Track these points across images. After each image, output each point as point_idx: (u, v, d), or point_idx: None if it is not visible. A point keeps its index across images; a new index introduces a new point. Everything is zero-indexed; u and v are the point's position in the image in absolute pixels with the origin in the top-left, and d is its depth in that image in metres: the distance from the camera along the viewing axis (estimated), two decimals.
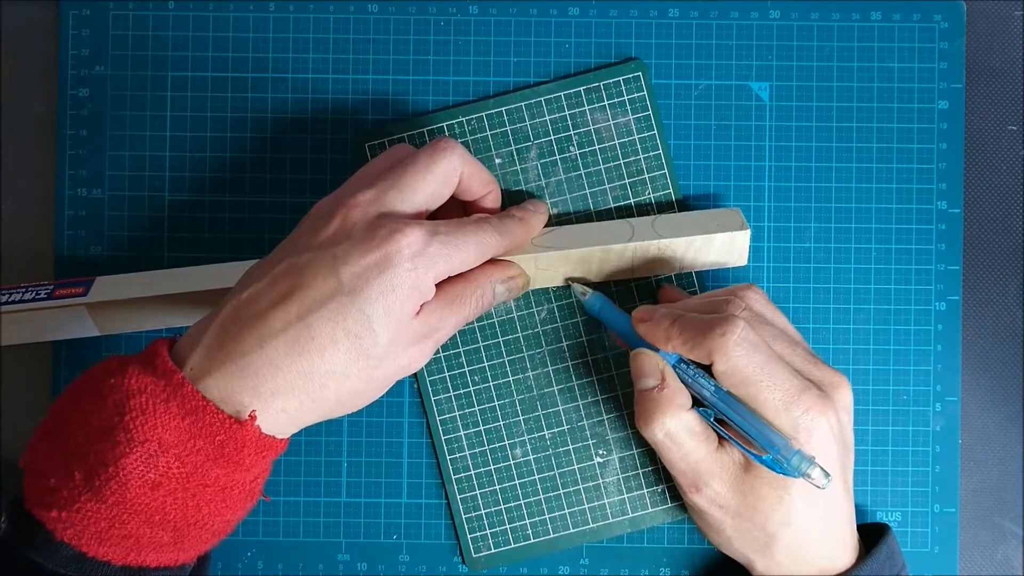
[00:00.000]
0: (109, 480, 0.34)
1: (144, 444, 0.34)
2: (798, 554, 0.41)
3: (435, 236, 0.38)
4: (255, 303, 0.37)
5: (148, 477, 0.34)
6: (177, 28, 0.48)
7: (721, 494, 0.41)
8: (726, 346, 0.39)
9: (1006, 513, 0.48)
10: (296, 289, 0.37)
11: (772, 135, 0.48)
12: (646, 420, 0.41)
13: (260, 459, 0.37)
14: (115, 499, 0.34)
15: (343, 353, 0.37)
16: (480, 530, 0.47)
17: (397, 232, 0.37)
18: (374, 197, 0.39)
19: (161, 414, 0.35)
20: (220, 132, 0.48)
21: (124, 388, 0.35)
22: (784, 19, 0.48)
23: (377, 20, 0.48)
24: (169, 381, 0.35)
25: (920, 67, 0.48)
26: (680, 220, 0.45)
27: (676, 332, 0.41)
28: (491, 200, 0.44)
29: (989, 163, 0.48)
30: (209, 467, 0.36)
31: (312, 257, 0.37)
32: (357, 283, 0.37)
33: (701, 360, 0.40)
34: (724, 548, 0.43)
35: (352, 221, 0.38)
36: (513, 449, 0.47)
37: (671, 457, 0.41)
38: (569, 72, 0.48)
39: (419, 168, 0.40)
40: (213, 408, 0.35)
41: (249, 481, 0.37)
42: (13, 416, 0.48)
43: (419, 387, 0.47)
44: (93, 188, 0.48)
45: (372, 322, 0.37)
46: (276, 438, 0.37)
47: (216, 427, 0.35)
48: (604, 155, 0.47)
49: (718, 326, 0.39)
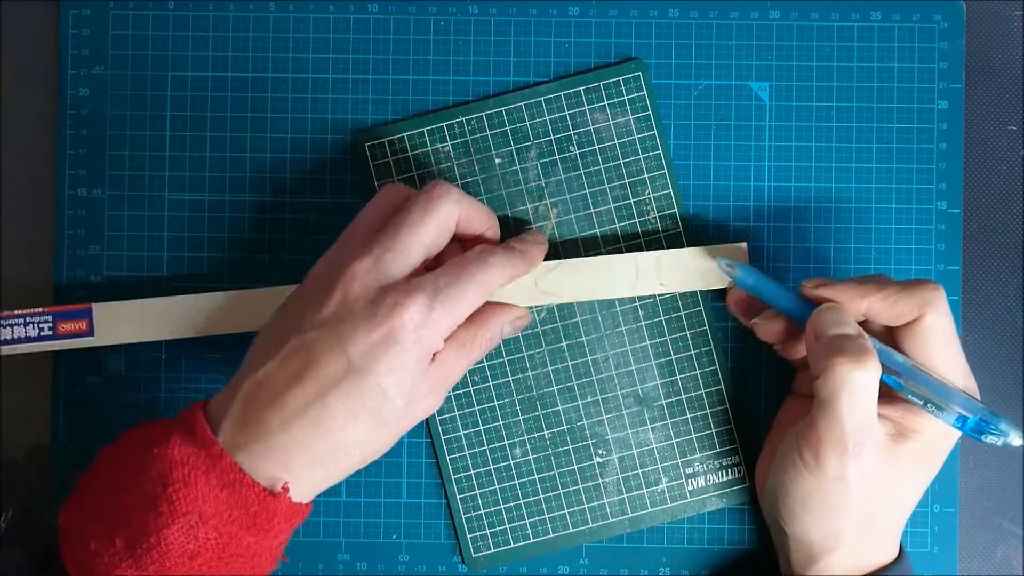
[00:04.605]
0: (151, 550, 0.35)
1: (186, 516, 0.36)
2: (889, 542, 0.42)
3: (436, 298, 0.38)
4: (271, 383, 0.38)
5: (188, 547, 0.36)
6: (177, 28, 0.48)
7: (871, 463, 0.39)
8: (942, 297, 0.40)
9: (1006, 513, 0.48)
10: (308, 369, 0.37)
11: (772, 135, 0.48)
12: (833, 368, 0.38)
13: (288, 526, 0.38)
14: (155, 568, 0.36)
15: (364, 425, 0.38)
16: (480, 530, 0.47)
17: (399, 306, 0.37)
18: (371, 265, 0.38)
19: (202, 486, 0.36)
20: (220, 132, 0.48)
21: (167, 459, 0.36)
22: (784, 19, 0.48)
23: (377, 20, 0.48)
24: (209, 452, 0.37)
25: (920, 67, 0.48)
26: (684, 262, 0.45)
27: (874, 288, 0.40)
28: (491, 234, 0.44)
29: (989, 163, 0.48)
30: (242, 536, 0.37)
31: (318, 336, 0.38)
32: (366, 362, 0.37)
33: (901, 315, 0.40)
34: (801, 534, 0.41)
35: (353, 296, 0.38)
36: (513, 449, 0.47)
37: (841, 410, 0.38)
38: (569, 72, 0.48)
39: (413, 222, 0.39)
40: (250, 481, 0.37)
41: (276, 547, 0.39)
42: (13, 415, 0.48)
43: None
44: (93, 188, 0.48)
45: (387, 393, 0.38)
46: (302, 504, 0.38)
47: (251, 499, 0.37)
48: (604, 155, 0.47)
49: (929, 282, 0.40)
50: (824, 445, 0.39)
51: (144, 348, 0.47)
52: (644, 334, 0.47)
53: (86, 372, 0.47)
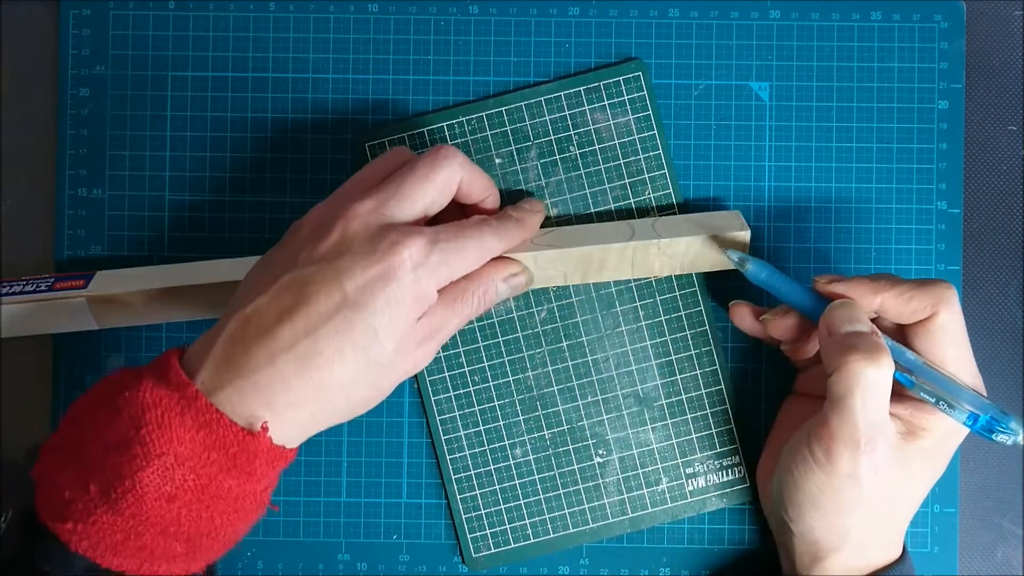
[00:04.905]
0: (126, 493, 0.35)
1: (161, 457, 0.35)
2: (894, 541, 0.42)
3: (436, 244, 0.38)
4: (261, 317, 0.37)
5: (164, 490, 0.35)
6: (177, 28, 0.48)
7: (883, 460, 0.39)
8: (955, 296, 0.40)
9: (1006, 513, 0.48)
10: (301, 303, 0.37)
11: (772, 135, 0.48)
12: (847, 365, 0.38)
13: (271, 469, 0.37)
14: (131, 511, 0.35)
15: (351, 365, 0.37)
16: (480, 530, 0.47)
17: (399, 244, 0.37)
18: (374, 207, 0.39)
19: (176, 427, 0.35)
20: (220, 132, 0.48)
21: (139, 401, 0.35)
22: (784, 19, 0.48)
23: (377, 20, 0.48)
24: (183, 394, 0.36)
25: (920, 67, 0.48)
26: (680, 222, 0.45)
27: (887, 285, 0.40)
28: (490, 203, 0.44)
29: (989, 163, 0.48)
30: (222, 478, 0.36)
31: (315, 271, 0.37)
32: (362, 296, 0.37)
33: (915, 312, 0.40)
34: (808, 532, 0.41)
35: (353, 232, 0.38)
36: (513, 449, 0.47)
37: (855, 407, 0.38)
38: (569, 72, 0.48)
39: (418, 176, 0.40)
40: (227, 421, 0.36)
41: (259, 491, 0.38)
42: (13, 415, 0.48)
43: (419, 387, 0.47)
44: (93, 188, 0.48)
45: (378, 333, 0.37)
46: (286, 448, 0.38)
47: (229, 439, 0.36)
48: (604, 155, 0.47)
49: (941, 281, 0.40)
50: (836, 442, 0.39)
51: (144, 348, 0.47)
52: (644, 334, 0.47)
53: (86, 372, 0.47)
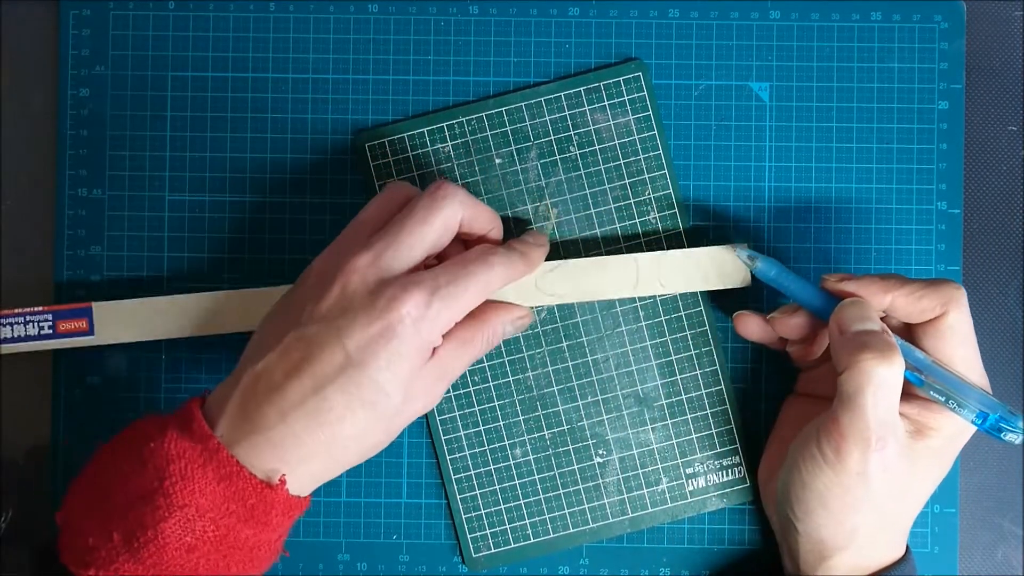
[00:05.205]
0: (148, 543, 0.35)
1: (183, 509, 0.36)
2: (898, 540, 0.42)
3: (436, 294, 0.38)
4: (271, 375, 0.38)
5: (185, 540, 0.36)
6: (177, 28, 0.48)
7: (892, 459, 0.39)
8: (964, 297, 0.40)
9: (1006, 513, 0.48)
10: (307, 361, 0.37)
11: (772, 135, 0.48)
12: (858, 363, 0.38)
13: (286, 519, 0.38)
14: (152, 561, 0.35)
15: (361, 419, 0.38)
16: (480, 530, 0.47)
17: (396, 300, 0.37)
18: (371, 260, 0.39)
19: (199, 479, 0.36)
20: (220, 132, 0.48)
21: (164, 453, 0.36)
22: (784, 19, 0.48)
23: (377, 20, 0.48)
24: (206, 446, 0.37)
25: (920, 67, 0.48)
26: (684, 263, 0.45)
27: (897, 284, 0.40)
28: (494, 235, 0.44)
29: (989, 163, 0.48)
30: (240, 528, 0.37)
31: (317, 330, 0.38)
32: (364, 356, 0.37)
33: (924, 312, 0.40)
34: (814, 531, 0.41)
35: (352, 290, 0.38)
36: (513, 449, 0.47)
37: (866, 405, 0.38)
38: (569, 72, 0.48)
39: (417, 221, 0.39)
40: (247, 474, 0.37)
41: (274, 540, 0.38)
42: (13, 415, 0.48)
43: None
44: (93, 188, 0.48)
45: (384, 388, 0.38)
46: (300, 497, 0.38)
47: (248, 491, 0.37)
48: (604, 155, 0.47)
49: (950, 281, 0.41)
50: (847, 440, 0.39)
51: (144, 348, 0.47)
52: (644, 334, 0.47)
53: (86, 372, 0.47)
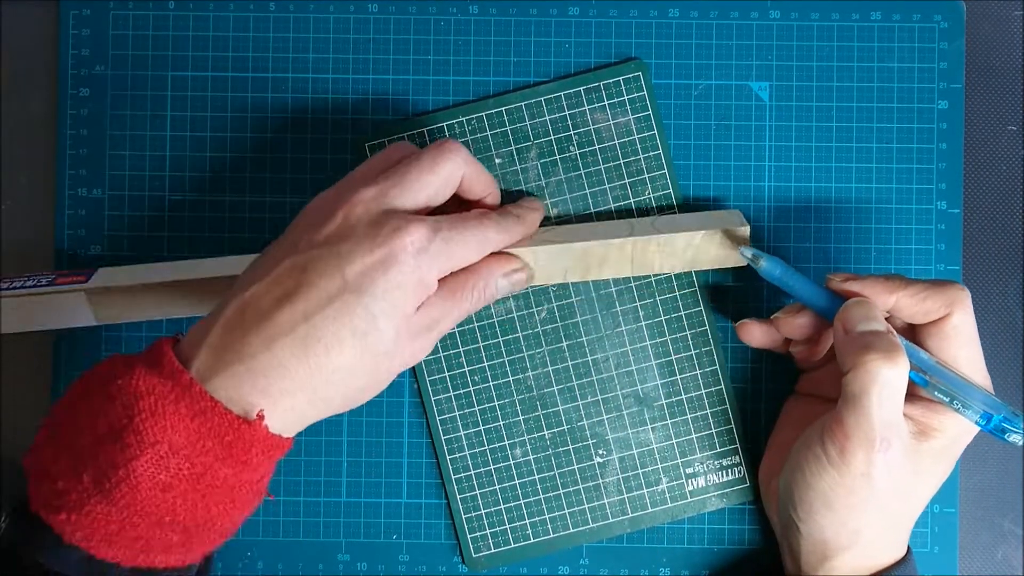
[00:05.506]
0: (120, 483, 0.34)
1: (155, 446, 0.34)
2: (900, 541, 0.42)
3: (438, 233, 0.38)
4: (259, 302, 0.37)
5: (159, 479, 0.34)
6: (177, 28, 0.48)
7: (897, 459, 0.39)
8: (968, 298, 0.40)
9: (1006, 513, 0.48)
10: (301, 287, 0.36)
11: (772, 135, 0.48)
12: (864, 364, 0.38)
13: (267, 458, 0.37)
14: (126, 501, 0.34)
15: (349, 350, 0.37)
16: (480, 530, 0.47)
17: (401, 230, 0.37)
18: (377, 194, 0.38)
19: (171, 415, 0.35)
20: (220, 132, 0.48)
21: (132, 389, 0.35)
22: (784, 19, 0.48)
23: (377, 20, 0.48)
24: (177, 382, 0.35)
25: (920, 67, 0.48)
26: (680, 219, 0.45)
27: (901, 284, 0.40)
28: (491, 201, 0.44)
29: (989, 163, 0.48)
30: (218, 467, 0.35)
31: (316, 255, 0.37)
32: (362, 281, 0.36)
33: (928, 312, 0.40)
34: (817, 532, 0.41)
35: (355, 218, 0.38)
36: (513, 449, 0.47)
37: (871, 405, 0.38)
38: (569, 72, 0.48)
39: (423, 167, 0.40)
40: (222, 409, 0.35)
41: (256, 480, 0.37)
42: (13, 414, 0.48)
43: (419, 387, 0.47)
44: (93, 188, 0.48)
45: (377, 319, 0.37)
46: (282, 437, 0.37)
47: (225, 428, 0.35)
48: (604, 155, 0.47)
49: (955, 282, 0.41)
50: (851, 440, 0.38)
51: (144, 347, 0.47)
52: (644, 334, 0.47)
53: (86, 367, 0.47)
